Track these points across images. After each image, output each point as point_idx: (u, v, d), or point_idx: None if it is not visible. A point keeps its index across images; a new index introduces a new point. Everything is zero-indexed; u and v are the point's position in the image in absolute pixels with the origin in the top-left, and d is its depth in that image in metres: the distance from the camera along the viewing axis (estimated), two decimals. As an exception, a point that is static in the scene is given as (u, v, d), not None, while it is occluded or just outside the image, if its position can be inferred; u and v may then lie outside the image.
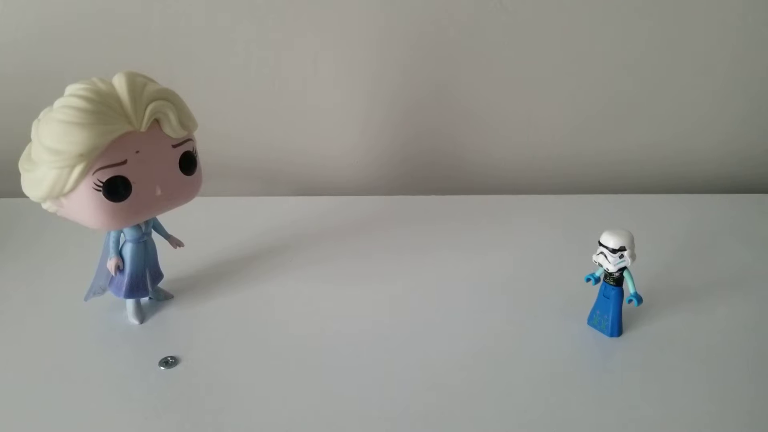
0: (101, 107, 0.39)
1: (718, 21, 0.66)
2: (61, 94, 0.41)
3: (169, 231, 0.49)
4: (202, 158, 0.46)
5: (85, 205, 0.40)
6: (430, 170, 0.75)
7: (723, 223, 0.62)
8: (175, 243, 0.49)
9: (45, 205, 0.42)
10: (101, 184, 0.40)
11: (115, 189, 0.40)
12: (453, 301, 0.50)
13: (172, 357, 0.43)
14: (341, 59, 0.68)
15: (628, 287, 0.44)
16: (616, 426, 0.38)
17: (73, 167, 0.39)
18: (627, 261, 0.43)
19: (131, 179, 0.41)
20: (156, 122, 0.42)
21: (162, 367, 0.43)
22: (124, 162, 0.40)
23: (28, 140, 0.42)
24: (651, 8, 0.66)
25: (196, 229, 0.51)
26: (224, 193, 0.70)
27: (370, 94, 0.70)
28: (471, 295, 0.51)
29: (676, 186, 0.74)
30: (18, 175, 0.42)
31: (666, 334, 0.46)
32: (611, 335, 0.45)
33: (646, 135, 0.72)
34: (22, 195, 0.42)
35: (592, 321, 0.46)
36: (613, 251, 0.43)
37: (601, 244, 0.43)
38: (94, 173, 0.39)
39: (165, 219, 0.48)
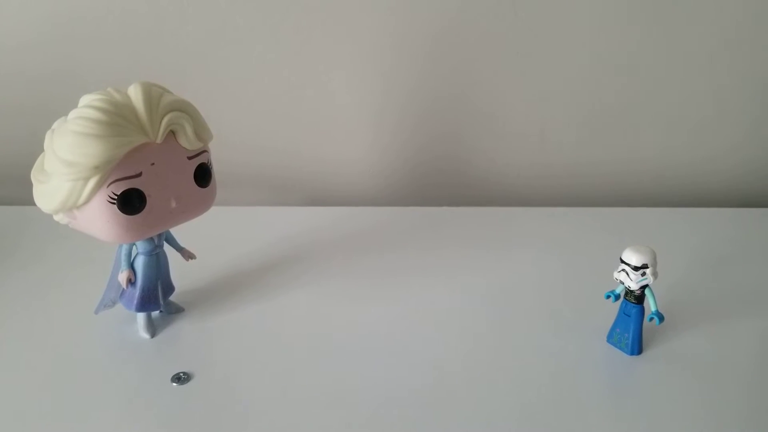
0: (117, 119, 0.38)
1: (734, 35, 0.66)
2: (73, 96, 0.40)
3: (180, 241, 0.48)
4: (216, 167, 0.45)
5: (99, 218, 0.40)
6: (443, 181, 0.74)
7: (739, 238, 0.61)
8: (188, 255, 0.48)
9: (57, 217, 0.42)
10: (116, 197, 0.39)
11: (130, 201, 0.40)
12: (468, 317, 0.49)
13: (184, 373, 0.43)
14: (354, 68, 0.68)
15: (650, 305, 0.43)
16: (640, 449, 0.37)
17: (87, 180, 0.38)
18: (649, 279, 0.42)
19: (146, 192, 0.40)
20: (172, 134, 0.41)
21: (174, 384, 0.42)
22: (139, 174, 0.40)
23: (38, 144, 0.41)
24: (668, 18, 0.65)
25: (207, 239, 0.50)
26: (234, 203, 0.69)
27: (381, 104, 0.70)
28: (486, 310, 0.50)
29: (691, 200, 0.73)
30: (26, 182, 0.41)
31: (687, 353, 0.45)
32: (631, 354, 0.44)
33: (662, 148, 0.72)
34: (30, 203, 0.42)
35: (611, 339, 0.46)
36: (636, 269, 0.42)
37: (623, 261, 0.43)
38: (108, 186, 0.39)
39: (176, 229, 0.47)
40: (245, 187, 0.73)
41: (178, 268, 0.49)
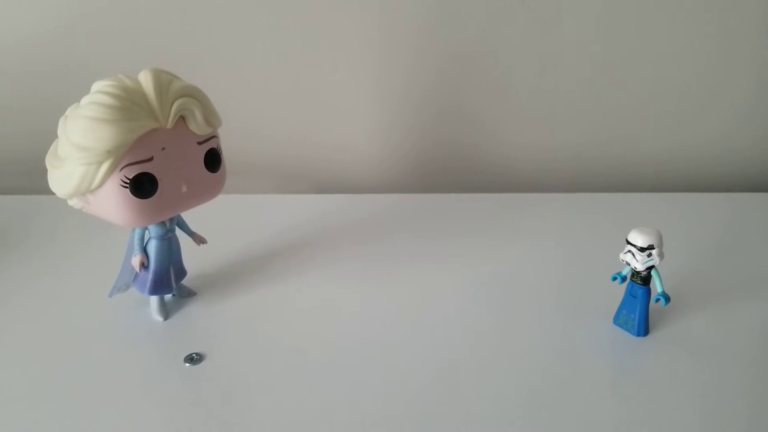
0: (128, 104, 0.39)
1: (748, 23, 0.65)
2: (82, 89, 0.41)
3: (191, 227, 0.49)
4: (225, 154, 0.46)
5: (112, 202, 0.40)
6: (449, 167, 0.74)
7: (752, 223, 0.61)
8: (199, 240, 0.49)
9: (71, 202, 0.43)
10: (128, 181, 0.40)
11: (142, 186, 0.40)
12: (475, 300, 0.50)
13: (197, 354, 0.43)
14: (357, 55, 0.68)
15: (656, 286, 0.43)
16: (641, 426, 0.37)
17: (100, 164, 0.39)
18: (655, 260, 0.42)
19: (157, 176, 0.41)
20: (182, 119, 0.42)
21: (187, 364, 0.43)
22: (151, 159, 0.40)
23: (49, 137, 0.42)
24: (679, 8, 0.65)
25: (217, 226, 0.50)
26: (242, 191, 0.70)
27: (386, 91, 0.70)
28: (493, 293, 0.50)
29: (704, 185, 0.73)
30: (41, 171, 0.42)
31: (693, 334, 0.45)
32: (638, 335, 0.45)
33: (669, 132, 0.72)
34: (47, 192, 0.43)
35: (618, 320, 0.46)
36: (642, 249, 0.42)
37: (629, 243, 0.43)
38: (121, 170, 0.39)
39: (187, 215, 0.48)
40: (253, 176, 0.74)
41: (189, 254, 0.49)
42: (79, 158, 0.39)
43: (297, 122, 0.72)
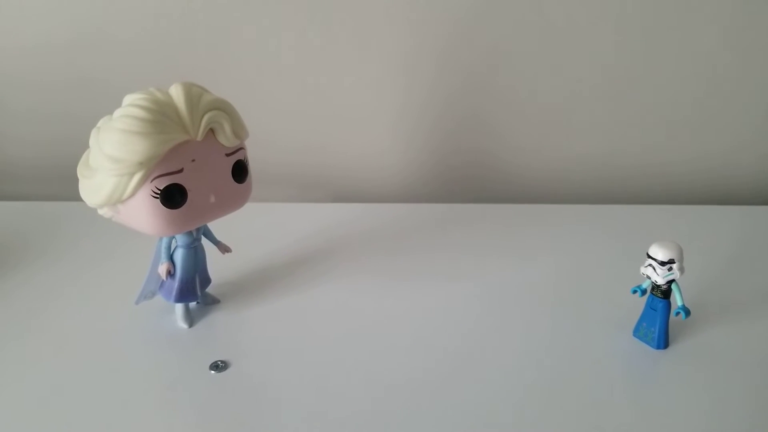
0: (160, 117, 0.40)
1: (764, 33, 0.66)
2: (107, 99, 0.42)
3: (216, 235, 0.50)
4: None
5: (143, 212, 0.41)
6: (467, 177, 0.75)
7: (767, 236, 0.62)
8: (224, 249, 0.50)
9: (101, 211, 0.43)
10: (159, 192, 0.41)
11: (172, 196, 0.41)
12: (495, 311, 0.50)
13: (222, 361, 0.44)
14: (377, 65, 0.69)
15: (676, 300, 0.44)
16: (666, 439, 0.38)
17: (132, 175, 0.40)
18: (676, 274, 0.43)
19: (187, 187, 0.42)
20: (211, 131, 0.43)
21: (213, 371, 0.44)
22: (181, 170, 0.41)
23: (77, 145, 0.43)
24: (694, 17, 0.65)
25: (239, 234, 0.51)
26: (262, 200, 0.71)
27: (407, 102, 0.71)
28: (514, 305, 0.51)
29: (724, 197, 0.73)
30: (69, 179, 0.43)
31: (713, 347, 0.46)
32: (657, 348, 0.45)
33: (691, 146, 0.72)
34: (74, 198, 0.44)
35: (638, 333, 0.46)
36: (662, 263, 0.43)
37: (649, 257, 0.43)
38: (152, 181, 0.40)
39: (211, 224, 0.49)
40: (272, 184, 0.75)
41: (213, 262, 0.50)
42: (112, 169, 0.40)
43: (316, 131, 0.73)
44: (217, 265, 0.51)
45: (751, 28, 0.66)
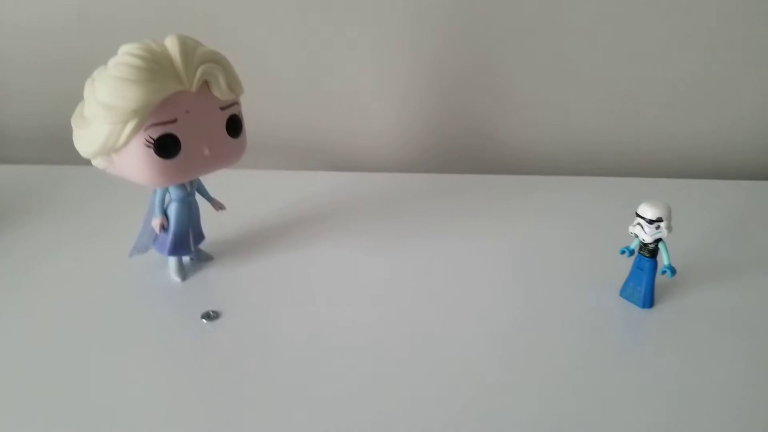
0: (154, 66, 0.40)
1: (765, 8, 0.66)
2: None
3: (210, 194, 0.51)
4: (247, 129, 0.47)
5: (136, 161, 0.42)
6: (463, 148, 0.75)
7: (756, 209, 0.62)
8: (218, 206, 0.51)
9: (95, 162, 0.44)
10: (152, 141, 0.41)
11: (165, 146, 0.42)
12: (486, 275, 0.51)
13: (213, 311, 0.45)
14: (378, 35, 0.69)
15: (663, 258, 0.44)
16: (646, 394, 0.38)
17: (125, 123, 0.40)
18: (663, 232, 0.43)
19: (181, 137, 0.42)
20: (206, 84, 0.43)
21: (204, 320, 0.44)
22: (175, 120, 0.42)
23: (66, 110, 0.43)
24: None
25: (236, 198, 0.52)
26: (262, 167, 0.71)
27: (406, 72, 0.71)
28: (504, 269, 0.51)
29: (719, 172, 0.73)
30: (64, 141, 0.43)
31: (698, 307, 0.46)
32: (643, 306, 0.46)
33: (683, 122, 0.72)
34: (70, 162, 0.44)
35: (624, 293, 0.47)
36: (650, 222, 0.43)
37: (638, 215, 0.44)
38: (145, 130, 0.41)
39: (209, 186, 0.50)
40: (269, 153, 0.75)
41: (208, 220, 0.51)
42: (106, 117, 0.40)
43: (314, 101, 0.73)
44: (211, 223, 0.52)
45: (749, 6, 0.66)
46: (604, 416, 0.37)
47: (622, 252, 0.46)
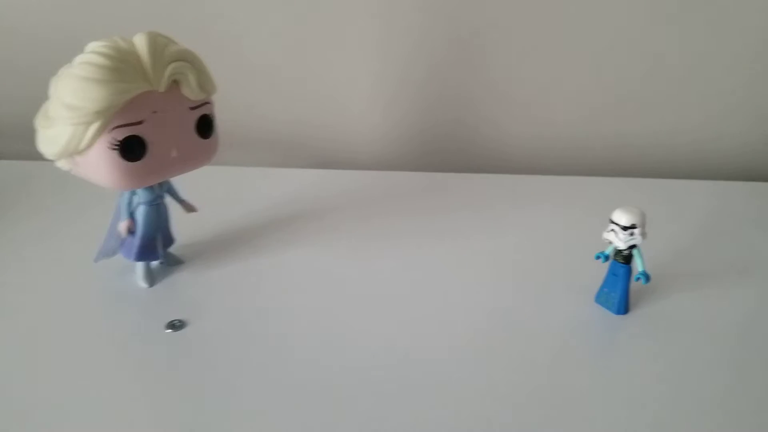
0: (120, 65, 0.39)
1: (747, 6, 0.66)
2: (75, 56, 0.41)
3: (186, 197, 0.49)
4: (225, 126, 0.46)
5: (100, 164, 0.40)
6: (447, 147, 0.75)
7: (743, 211, 0.62)
8: (189, 208, 0.49)
9: (59, 163, 0.42)
10: (118, 143, 0.40)
11: (131, 148, 0.40)
12: (464, 277, 0.50)
13: (179, 320, 0.44)
14: (363, 33, 0.68)
15: (637, 265, 0.44)
16: (620, 400, 0.38)
17: (89, 124, 0.39)
18: (637, 239, 0.43)
19: (147, 139, 0.41)
20: (175, 83, 0.42)
21: (169, 330, 0.43)
22: (141, 122, 0.40)
23: (41, 103, 0.41)
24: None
25: (214, 197, 0.50)
26: (245, 163, 0.70)
27: (389, 70, 0.70)
28: (482, 272, 0.51)
29: (698, 172, 0.74)
30: (31, 137, 0.42)
31: (672, 314, 0.46)
32: (618, 313, 0.46)
33: (669, 120, 0.72)
34: (36, 158, 0.42)
35: (599, 299, 0.47)
36: (624, 228, 0.43)
37: (612, 222, 0.44)
38: (110, 131, 0.39)
39: (184, 185, 0.48)
40: (255, 149, 0.74)
41: (180, 223, 0.49)
42: (69, 118, 0.39)
43: (299, 97, 0.72)
44: (185, 225, 0.50)
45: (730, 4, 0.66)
46: (576, 422, 0.36)
47: (597, 257, 0.46)
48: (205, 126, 0.44)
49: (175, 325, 0.43)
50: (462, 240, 0.56)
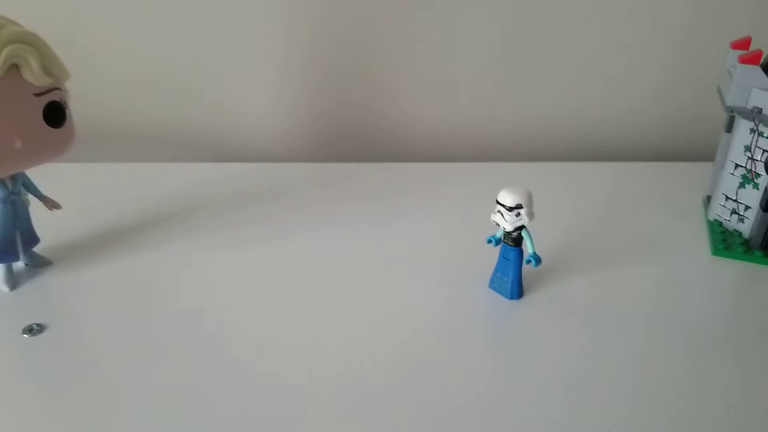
0: (-53, 47, 0.35)
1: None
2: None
3: (59, 196, 0.45)
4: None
5: (-69, 157, 0.37)
6: (352, 137, 0.72)
7: (643, 191, 0.61)
8: (51, 204, 0.45)
9: None
10: (-53, 134, 0.36)
11: (-35, 140, 0.37)
12: (360, 268, 0.48)
13: (37, 324, 0.40)
14: (261, 22, 0.65)
15: (527, 247, 0.42)
16: (512, 388, 0.36)
17: None
18: (524, 219, 0.41)
19: (-17, 129, 0.37)
20: (15, 67, 0.38)
21: (26, 335, 0.39)
22: (-26, 110, 0.37)
23: None
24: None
25: (92, 195, 0.47)
26: (136, 160, 0.66)
27: (286, 59, 0.67)
28: (378, 261, 0.49)
29: (599, 154, 0.73)
30: None
31: (567, 297, 0.44)
32: (511, 298, 0.44)
33: (569, 102, 0.71)
34: None
35: (493, 284, 0.45)
36: (510, 209, 0.41)
37: (498, 203, 0.41)
38: (-62, 120, 0.36)
39: (62, 184, 0.45)
40: (151, 144, 0.70)
41: (50, 222, 0.46)
42: None
43: (198, 89, 0.68)
44: (53, 224, 0.47)
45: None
46: (472, 410, 0.34)
47: (489, 241, 0.44)
48: (54, 114, 0.40)
49: (33, 330, 0.40)
50: (359, 229, 0.53)
